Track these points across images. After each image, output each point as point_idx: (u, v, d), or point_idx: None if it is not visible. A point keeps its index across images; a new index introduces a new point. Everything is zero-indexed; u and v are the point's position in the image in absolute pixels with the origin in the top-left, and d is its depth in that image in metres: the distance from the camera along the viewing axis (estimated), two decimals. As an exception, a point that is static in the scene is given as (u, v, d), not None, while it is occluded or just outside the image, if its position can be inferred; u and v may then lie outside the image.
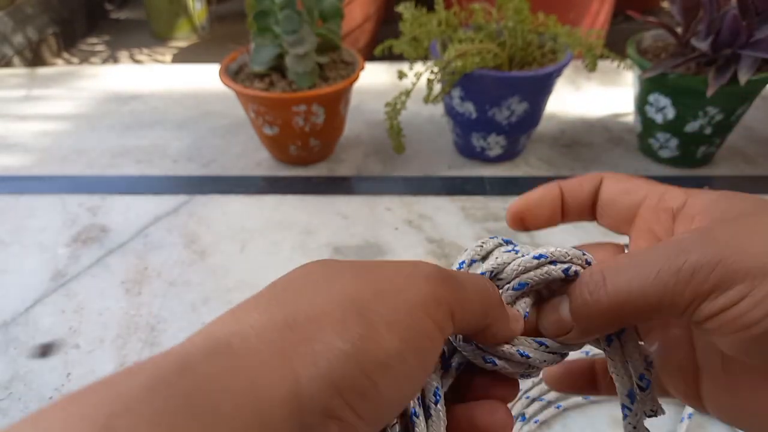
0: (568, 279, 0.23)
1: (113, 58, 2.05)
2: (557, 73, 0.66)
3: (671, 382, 0.24)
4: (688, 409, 0.44)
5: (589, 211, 0.27)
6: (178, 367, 0.15)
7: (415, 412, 0.21)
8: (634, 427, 0.23)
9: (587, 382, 0.27)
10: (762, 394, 0.20)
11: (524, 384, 0.47)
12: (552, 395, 0.46)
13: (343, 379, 0.17)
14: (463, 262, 0.24)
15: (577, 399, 0.46)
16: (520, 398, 0.46)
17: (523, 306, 0.24)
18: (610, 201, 0.26)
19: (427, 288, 0.19)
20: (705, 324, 0.19)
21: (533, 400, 0.46)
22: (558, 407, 0.45)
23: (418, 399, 0.21)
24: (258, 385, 0.16)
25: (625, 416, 0.23)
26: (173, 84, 0.97)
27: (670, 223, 0.24)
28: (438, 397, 0.22)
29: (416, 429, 0.21)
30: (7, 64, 1.67)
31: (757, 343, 0.19)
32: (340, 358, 0.17)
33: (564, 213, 0.28)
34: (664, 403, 0.24)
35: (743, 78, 0.59)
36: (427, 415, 0.21)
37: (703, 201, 0.23)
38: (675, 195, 0.24)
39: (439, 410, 0.21)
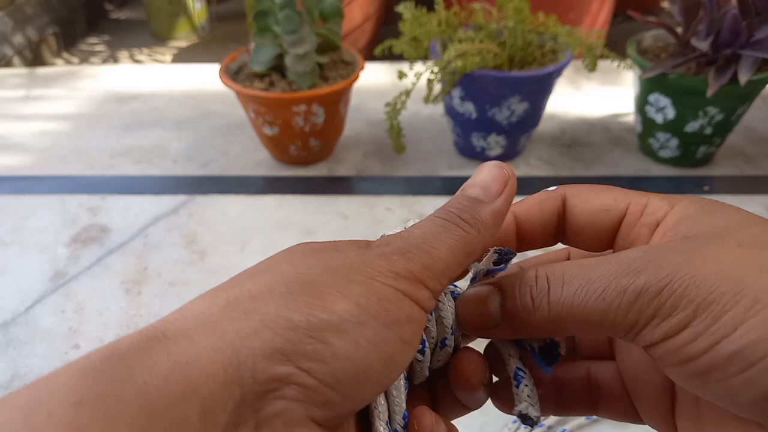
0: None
1: (113, 58, 2.05)
2: (557, 73, 0.66)
3: (644, 403, 0.23)
4: None
5: (552, 236, 0.24)
6: (105, 355, 0.16)
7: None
8: (531, 390, 0.22)
9: (586, 400, 0.25)
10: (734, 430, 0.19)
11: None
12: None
13: (290, 344, 0.17)
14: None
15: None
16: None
17: None
18: (587, 223, 0.23)
19: (379, 261, 0.19)
20: (649, 351, 0.18)
21: None
22: (589, 417, 0.45)
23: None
24: (190, 362, 0.16)
25: (519, 382, 0.22)
26: (173, 84, 0.97)
27: (649, 239, 0.22)
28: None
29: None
30: (7, 64, 1.67)
31: (699, 377, 0.17)
32: (284, 326, 0.17)
33: (520, 242, 0.24)
34: None
35: (743, 78, 0.59)
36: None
37: (681, 213, 0.21)
38: (658, 206, 0.22)
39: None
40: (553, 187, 0.24)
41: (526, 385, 0.22)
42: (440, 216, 0.21)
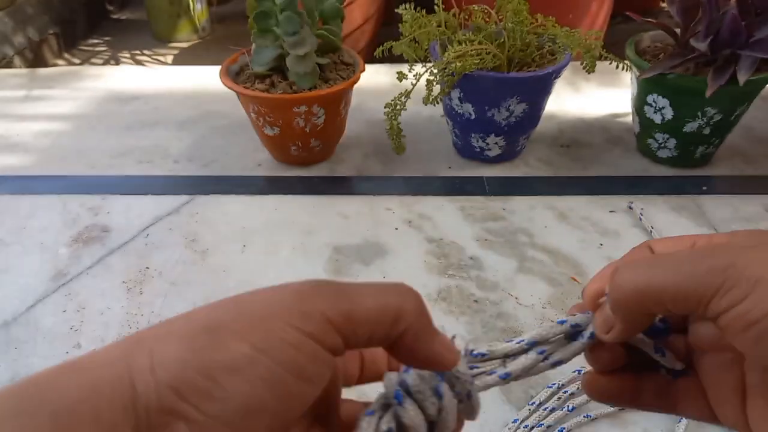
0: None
1: (114, 59, 2.05)
2: (556, 74, 0.66)
3: (722, 407, 0.26)
4: None
5: None
6: (23, 382, 0.18)
7: None
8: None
9: (630, 393, 0.28)
10: None
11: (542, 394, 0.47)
12: (578, 401, 0.46)
13: (181, 382, 0.18)
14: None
15: (609, 408, 0.46)
16: (537, 409, 0.46)
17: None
18: None
19: (292, 301, 0.20)
20: (717, 322, 0.22)
21: (552, 410, 0.46)
22: (587, 416, 0.45)
23: None
24: (96, 389, 0.18)
25: (664, 352, 0.27)
26: (174, 85, 0.98)
27: None
28: None
29: None
30: (8, 64, 1.67)
31: (760, 341, 0.20)
32: (177, 364, 0.19)
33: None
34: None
35: (742, 78, 0.59)
36: None
37: (741, 236, 0.25)
38: (721, 235, 0.26)
39: None
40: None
41: (667, 350, 0.27)
42: (390, 282, 0.23)
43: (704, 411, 0.27)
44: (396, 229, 0.65)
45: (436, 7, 0.69)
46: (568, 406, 0.46)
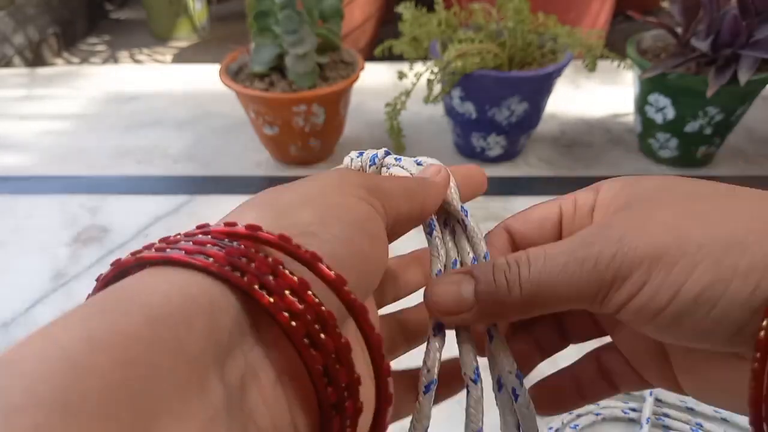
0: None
1: (113, 59, 2.05)
2: (557, 73, 0.66)
3: (646, 370, 0.24)
4: (644, 415, 0.44)
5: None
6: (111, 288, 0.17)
7: None
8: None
9: (606, 386, 0.26)
10: (720, 371, 0.20)
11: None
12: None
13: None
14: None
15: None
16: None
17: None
18: (536, 238, 0.25)
19: (339, 177, 0.22)
20: (618, 315, 0.19)
21: None
22: (598, 414, 0.45)
23: None
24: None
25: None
26: (173, 84, 0.97)
27: (590, 223, 0.23)
28: None
29: None
30: (8, 64, 1.67)
31: (673, 327, 0.19)
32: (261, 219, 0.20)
33: None
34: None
35: (743, 78, 0.59)
36: None
37: (610, 192, 0.23)
38: (585, 196, 0.24)
39: None
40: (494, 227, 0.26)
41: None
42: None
43: (640, 381, 0.25)
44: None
45: (436, 5, 0.69)
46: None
